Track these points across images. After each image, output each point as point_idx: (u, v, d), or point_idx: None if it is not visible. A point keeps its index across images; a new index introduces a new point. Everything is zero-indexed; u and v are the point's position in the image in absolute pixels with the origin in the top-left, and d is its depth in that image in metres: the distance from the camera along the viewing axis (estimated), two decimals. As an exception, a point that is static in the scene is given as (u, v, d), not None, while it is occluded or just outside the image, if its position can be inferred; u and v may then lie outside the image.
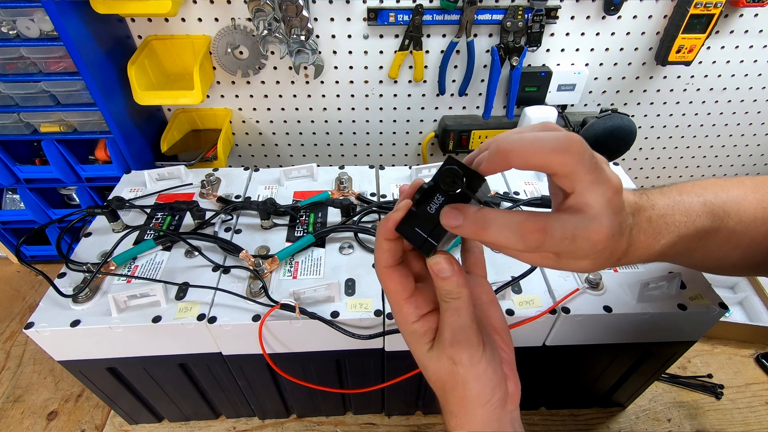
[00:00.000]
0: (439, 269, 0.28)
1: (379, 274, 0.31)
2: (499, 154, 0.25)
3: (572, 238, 0.25)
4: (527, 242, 0.25)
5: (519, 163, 0.25)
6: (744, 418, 0.74)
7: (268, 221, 0.61)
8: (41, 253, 0.98)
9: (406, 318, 0.31)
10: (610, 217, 0.25)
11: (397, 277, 0.30)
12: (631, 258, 0.31)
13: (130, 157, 0.82)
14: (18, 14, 0.67)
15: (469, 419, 0.31)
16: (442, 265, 0.28)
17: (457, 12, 0.81)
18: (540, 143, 0.24)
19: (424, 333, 0.31)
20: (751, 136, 1.07)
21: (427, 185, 0.27)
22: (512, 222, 0.25)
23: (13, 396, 0.76)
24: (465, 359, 0.29)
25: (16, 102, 0.75)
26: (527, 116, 0.91)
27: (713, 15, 0.80)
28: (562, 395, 0.72)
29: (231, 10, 0.80)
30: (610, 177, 0.26)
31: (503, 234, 0.25)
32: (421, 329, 0.31)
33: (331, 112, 0.96)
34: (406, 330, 0.32)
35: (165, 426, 0.72)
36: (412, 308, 0.31)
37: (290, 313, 0.50)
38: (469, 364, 0.29)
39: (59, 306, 0.51)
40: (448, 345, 0.30)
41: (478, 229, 0.25)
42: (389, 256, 0.30)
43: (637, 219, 0.31)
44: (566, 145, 0.24)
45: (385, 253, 0.30)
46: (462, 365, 0.29)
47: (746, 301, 0.88)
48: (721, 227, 0.35)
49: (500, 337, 0.33)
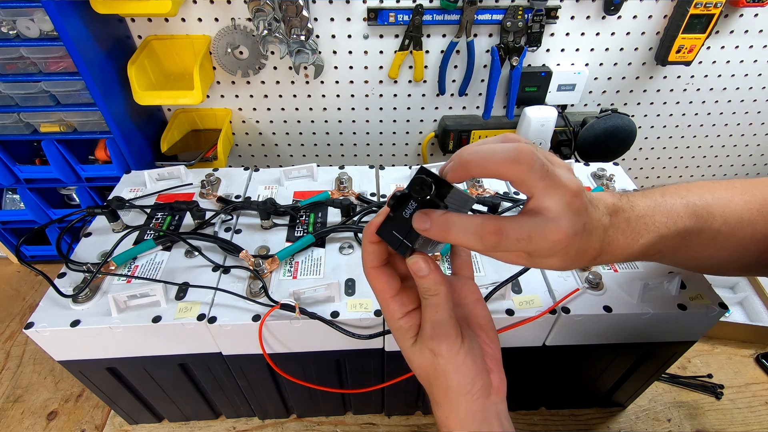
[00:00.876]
0: (417, 268, 0.31)
1: (367, 274, 0.33)
2: (461, 165, 0.27)
3: (528, 239, 0.27)
4: (485, 243, 0.27)
5: (477, 172, 0.27)
6: (744, 418, 0.74)
7: (268, 221, 0.61)
8: (41, 253, 0.98)
9: (392, 314, 0.33)
10: (570, 218, 0.27)
11: (383, 276, 0.33)
12: (609, 257, 0.33)
13: (130, 157, 0.82)
14: (18, 14, 0.67)
15: (453, 409, 0.33)
16: (419, 265, 0.30)
17: (457, 12, 0.81)
18: (492, 155, 0.26)
19: (409, 328, 0.33)
20: (751, 136, 1.07)
21: (401, 193, 0.30)
22: (471, 225, 0.27)
23: (13, 396, 0.76)
24: (444, 351, 0.32)
25: (16, 102, 0.75)
26: (527, 116, 0.91)
27: (713, 15, 0.80)
28: (562, 395, 0.72)
29: (231, 10, 0.80)
30: (567, 181, 0.27)
31: (464, 236, 0.27)
32: (406, 325, 0.33)
33: (331, 112, 0.96)
34: (393, 326, 0.34)
35: (165, 426, 0.72)
36: (397, 305, 0.33)
37: (290, 313, 0.50)
38: (448, 356, 0.32)
39: (59, 306, 0.51)
40: (428, 338, 0.32)
41: (442, 231, 0.28)
42: (374, 258, 0.32)
43: (615, 219, 0.32)
44: (515, 156, 0.26)
45: (370, 255, 0.32)
46: (442, 356, 0.32)
47: (746, 301, 0.88)
48: (704, 228, 0.36)
49: (485, 334, 0.35)
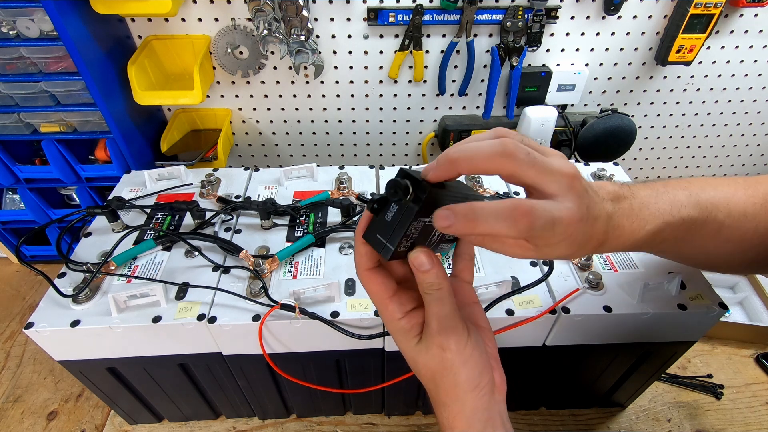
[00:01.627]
0: (419, 263, 0.30)
1: (361, 277, 0.33)
2: (447, 162, 0.27)
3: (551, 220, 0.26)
4: (519, 227, 0.26)
5: (465, 169, 0.27)
6: (744, 418, 0.74)
7: (268, 221, 0.61)
8: (41, 253, 0.97)
9: (392, 315, 0.32)
10: (574, 200, 0.27)
11: (378, 278, 0.32)
12: (614, 243, 0.32)
13: (130, 157, 0.82)
14: (18, 14, 0.67)
15: (460, 407, 0.32)
16: (421, 259, 0.30)
17: (457, 12, 0.81)
18: (478, 151, 0.26)
19: (411, 328, 0.33)
20: (751, 136, 1.07)
21: (378, 197, 0.30)
22: (502, 209, 0.26)
23: (13, 396, 0.76)
24: (452, 344, 0.31)
25: (16, 102, 0.75)
26: (527, 116, 0.91)
27: (713, 15, 0.80)
28: (562, 395, 0.72)
29: (231, 10, 0.80)
30: (560, 166, 0.27)
31: (494, 222, 0.26)
32: (408, 325, 0.32)
33: (331, 112, 0.96)
34: (394, 328, 0.33)
35: (165, 426, 0.72)
36: (396, 305, 0.32)
37: (290, 313, 0.50)
38: (456, 350, 0.31)
39: (59, 306, 0.51)
40: (435, 333, 0.31)
41: (469, 222, 0.26)
42: (366, 260, 0.32)
43: (618, 205, 0.32)
44: (501, 149, 0.26)
45: (362, 257, 0.32)
46: (450, 350, 0.31)
47: (746, 301, 0.88)
48: (709, 219, 0.36)
49: (485, 334, 0.35)
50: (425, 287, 0.31)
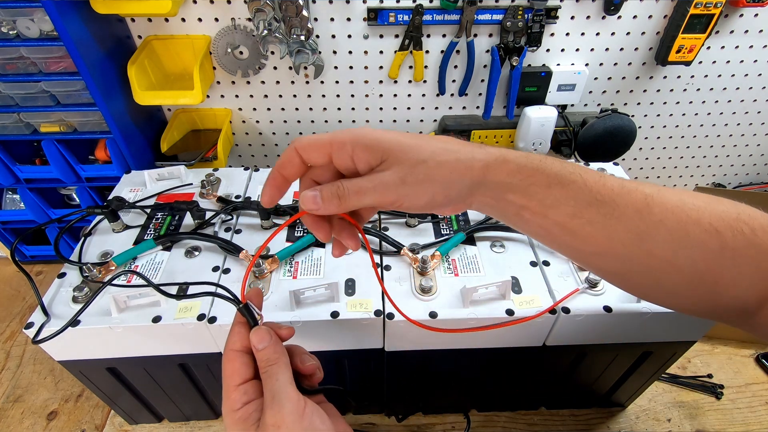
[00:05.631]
0: (256, 340, 0.33)
1: (224, 354, 0.34)
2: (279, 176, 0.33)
3: None
4: None
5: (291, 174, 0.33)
6: (744, 418, 0.74)
7: (268, 221, 0.61)
8: (41, 253, 0.98)
9: (232, 405, 0.32)
10: None
11: (237, 362, 0.33)
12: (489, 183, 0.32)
13: (130, 157, 0.82)
14: (18, 14, 0.67)
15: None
16: (259, 335, 0.33)
17: (457, 12, 0.81)
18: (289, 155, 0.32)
19: (248, 417, 0.32)
20: (751, 136, 1.07)
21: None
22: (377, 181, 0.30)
23: (13, 396, 0.76)
24: (287, 415, 0.31)
25: (16, 102, 0.75)
26: (527, 116, 0.91)
27: (713, 15, 0.80)
28: (562, 395, 0.72)
29: (231, 10, 0.80)
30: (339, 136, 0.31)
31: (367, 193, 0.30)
32: (245, 414, 0.32)
33: (331, 112, 0.96)
34: (231, 420, 0.32)
35: (165, 426, 0.72)
36: (239, 394, 0.33)
37: (290, 314, 0.50)
38: (292, 419, 0.31)
39: (59, 306, 0.51)
40: (268, 408, 0.31)
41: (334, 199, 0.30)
42: (237, 339, 0.34)
43: None
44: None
45: (235, 336, 0.34)
46: (285, 426, 0.30)
47: (746, 301, 0.88)
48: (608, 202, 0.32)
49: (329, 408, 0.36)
50: (263, 364, 0.33)
